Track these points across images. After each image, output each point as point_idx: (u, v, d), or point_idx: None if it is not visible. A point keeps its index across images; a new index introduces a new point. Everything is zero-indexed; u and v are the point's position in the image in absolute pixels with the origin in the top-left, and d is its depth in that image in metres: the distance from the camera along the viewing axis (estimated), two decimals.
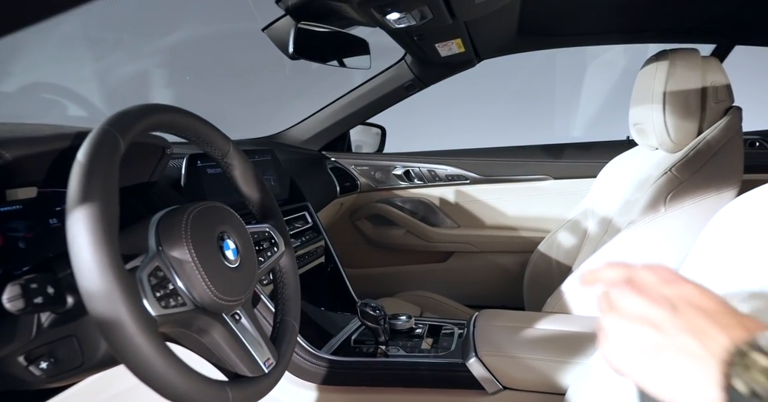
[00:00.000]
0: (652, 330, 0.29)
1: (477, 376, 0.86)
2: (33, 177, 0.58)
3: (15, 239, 0.57)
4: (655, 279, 0.31)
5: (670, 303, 0.29)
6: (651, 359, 0.28)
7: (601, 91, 3.38)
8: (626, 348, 0.30)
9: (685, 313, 0.29)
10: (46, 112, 3.02)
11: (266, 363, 0.60)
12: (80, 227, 0.41)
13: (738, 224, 0.47)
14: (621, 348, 0.30)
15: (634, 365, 0.29)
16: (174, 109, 0.58)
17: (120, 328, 0.41)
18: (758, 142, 1.52)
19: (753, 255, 0.43)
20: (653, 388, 0.29)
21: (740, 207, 0.49)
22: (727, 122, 1.08)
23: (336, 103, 1.66)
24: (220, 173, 0.97)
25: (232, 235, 0.60)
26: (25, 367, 0.49)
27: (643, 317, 0.29)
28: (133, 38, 3.09)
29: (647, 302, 0.30)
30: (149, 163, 0.72)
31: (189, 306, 0.51)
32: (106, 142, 0.46)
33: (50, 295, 0.46)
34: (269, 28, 1.04)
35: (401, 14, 0.91)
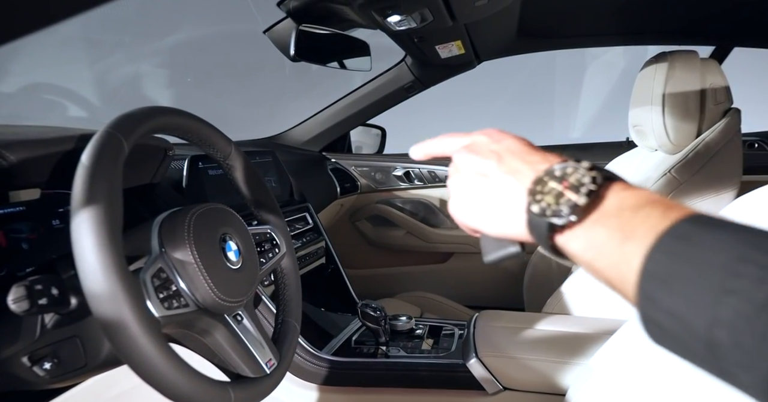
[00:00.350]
0: (483, 178, 0.34)
1: (477, 376, 0.86)
2: (36, 179, 0.58)
3: (18, 240, 0.58)
4: (486, 139, 0.36)
5: (497, 155, 0.34)
6: (482, 202, 0.34)
7: (600, 92, 3.38)
8: (464, 199, 0.35)
9: (507, 160, 0.33)
10: (47, 112, 3.02)
11: (268, 364, 0.61)
12: (84, 229, 0.41)
13: None
14: (461, 200, 0.35)
15: (471, 211, 0.34)
16: (176, 112, 0.59)
17: (124, 329, 0.42)
18: (757, 144, 1.53)
19: None
20: (487, 227, 0.34)
21: (739, 208, 0.50)
22: (726, 124, 1.08)
23: (336, 105, 1.67)
24: (221, 174, 0.98)
25: (234, 236, 0.60)
26: (29, 367, 0.49)
27: (476, 170, 0.35)
28: (133, 39, 3.10)
29: (479, 158, 0.35)
30: (151, 165, 0.72)
31: (191, 307, 0.52)
32: (109, 144, 0.46)
33: (54, 296, 0.46)
34: (271, 31, 1.04)
35: (402, 17, 0.92)
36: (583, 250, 0.28)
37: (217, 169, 0.97)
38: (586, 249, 0.28)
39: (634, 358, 0.63)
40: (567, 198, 0.28)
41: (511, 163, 0.33)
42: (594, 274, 0.28)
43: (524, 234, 0.32)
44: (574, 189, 0.28)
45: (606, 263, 0.27)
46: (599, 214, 0.28)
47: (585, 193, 0.28)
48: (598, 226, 0.27)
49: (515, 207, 0.32)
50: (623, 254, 0.25)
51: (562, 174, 0.29)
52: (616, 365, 0.65)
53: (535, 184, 0.30)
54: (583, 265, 0.29)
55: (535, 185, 0.30)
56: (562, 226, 0.28)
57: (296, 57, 0.95)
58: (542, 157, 0.33)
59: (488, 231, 0.34)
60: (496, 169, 0.33)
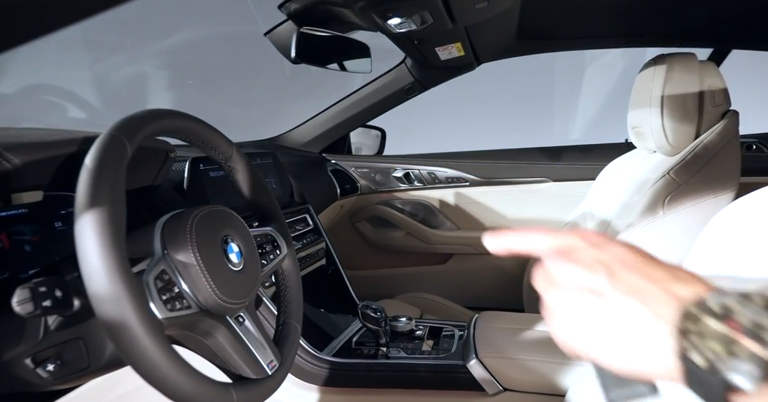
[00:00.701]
0: (594, 297, 0.27)
1: (477, 377, 0.86)
2: (38, 181, 0.58)
3: (21, 243, 0.58)
4: (584, 244, 0.30)
5: (605, 267, 0.27)
6: (599, 329, 0.26)
7: (599, 94, 3.39)
8: (572, 321, 0.28)
9: (622, 276, 0.27)
10: (47, 114, 3.02)
11: (269, 365, 0.61)
12: (89, 232, 0.42)
13: (736, 227, 0.47)
14: (567, 322, 0.28)
15: (584, 338, 0.27)
16: (179, 114, 0.59)
17: (127, 331, 0.42)
18: (755, 145, 1.54)
19: (751, 258, 0.43)
20: (609, 360, 0.26)
21: (738, 210, 0.50)
22: (725, 126, 1.09)
23: (336, 106, 1.67)
24: (222, 176, 0.98)
25: (236, 238, 0.60)
26: (33, 369, 0.49)
27: (582, 285, 0.27)
28: (133, 41, 3.10)
29: (582, 269, 0.28)
30: (153, 167, 0.73)
31: (194, 309, 0.52)
32: (113, 147, 0.47)
33: (58, 298, 0.47)
34: (271, 33, 1.05)
35: (402, 19, 0.92)
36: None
37: (218, 170, 0.98)
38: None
39: None
40: (746, 349, 0.21)
41: (629, 280, 0.26)
42: None
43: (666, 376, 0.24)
44: (752, 335, 0.21)
45: None
46: None
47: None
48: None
49: (649, 341, 0.24)
50: None
51: (723, 310, 0.22)
52: None
53: (684, 320, 0.23)
54: None
55: (684, 322, 0.23)
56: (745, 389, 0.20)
57: (297, 59, 0.96)
58: (670, 273, 0.26)
59: (613, 366, 0.26)
60: (609, 288, 0.26)
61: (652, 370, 0.25)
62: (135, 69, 3.33)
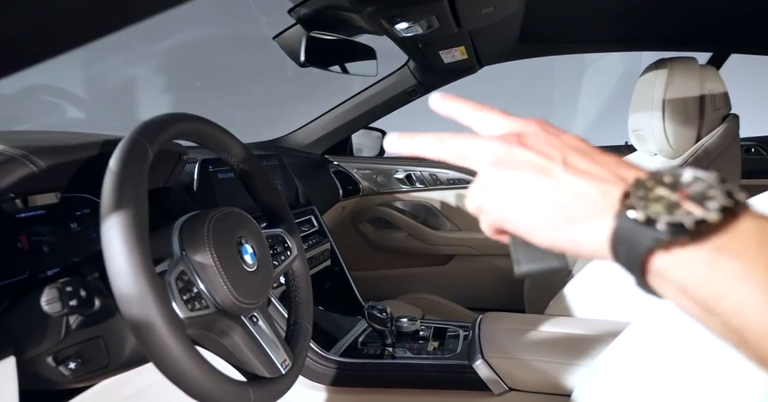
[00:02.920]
0: (542, 177, 0.27)
1: (483, 377, 0.88)
2: (57, 183, 0.59)
3: (40, 243, 0.59)
4: (539, 129, 0.29)
5: (560, 151, 0.27)
6: (538, 204, 0.26)
7: (599, 96, 3.42)
8: (511, 196, 0.27)
9: (574, 160, 0.27)
10: (46, 114, 3.02)
11: (283, 364, 0.62)
12: (115, 233, 0.43)
13: None
14: (504, 196, 0.28)
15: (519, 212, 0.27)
16: (195, 118, 0.60)
17: (152, 330, 0.43)
18: (754, 148, 1.56)
19: None
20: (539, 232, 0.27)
21: None
22: (725, 129, 1.11)
23: (339, 108, 1.68)
24: (231, 178, 0.99)
25: (250, 239, 0.61)
26: (55, 367, 0.50)
27: (532, 165, 0.27)
28: (133, 41, 3.10)
29: (534, 152, 0.27)
30: (166, 169, 0.74)
31: (212, 309, 0.53)
32: (136, 150, 0.48)
33: (83, 297, 0.48)
34: (280, 37, 1.06)
35: (409, 24, 0.94)
36: (696, 282, 0.21)
37: (227, 172, 0.99)
38: (702, 281, 0.21)
39: (638, 360, 0.65)
40: (686, 210, 0.21)
41: (581, 164, 0.26)
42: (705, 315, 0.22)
43: (586, 246, 0.25)
44: (696, 201, 0.21)
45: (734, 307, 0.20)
46: (733, 239, 0.21)
47: (716, 208, 0.21)
48: (728, 255, 0.21)
49: (586, 214, 0.25)
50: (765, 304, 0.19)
51: (674, 181, 0.23)
52: (620, 366, 0.67)
53: (636, 187, 0.23)
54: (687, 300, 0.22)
55: (635, 189, 0.23)
56: (672, 242, 0.21)
57: (306, 63, 0.97)
58: (617, 160, 0.27)
59: (536, 237, 0.27)
60: (561, 169, 0.26)
61: (576, 241, 0.25)
62: (135, 70, 3.33)
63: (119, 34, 0.34)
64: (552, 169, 0.27)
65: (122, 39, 3.03)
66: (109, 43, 3.10)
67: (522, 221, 0.27)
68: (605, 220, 0.24)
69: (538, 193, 0.27)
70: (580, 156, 0.27)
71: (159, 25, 3.08)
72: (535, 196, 0.27)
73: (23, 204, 0.58)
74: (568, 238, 0.26)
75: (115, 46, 3.04)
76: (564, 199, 0.26)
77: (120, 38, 3.03)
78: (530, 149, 0.28)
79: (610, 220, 0.24)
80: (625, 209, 0.23)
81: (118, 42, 2.96)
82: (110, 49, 3.05)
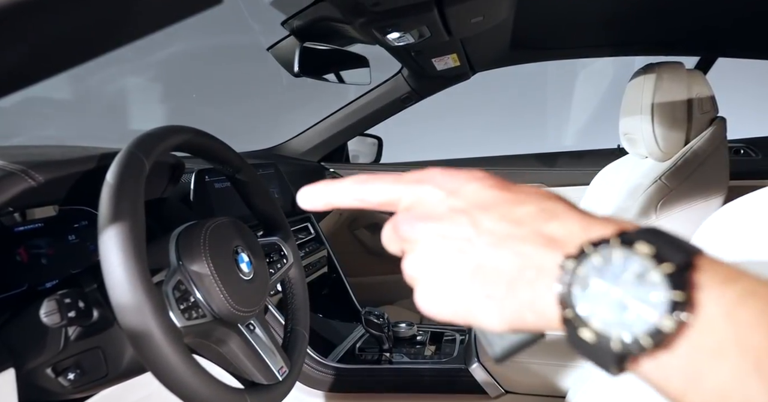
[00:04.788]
0: (461, 256, 0.22)
1: (480, 380, 0.88)
2: (56, 196, 0.60)
3: (38, 256, 0.60)
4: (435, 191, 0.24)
5: (466, 216, 0.22)
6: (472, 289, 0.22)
7: (591, 100, 3.45)
8: (439, 285, 0.23)
9: (485, 223, 0.22)
10: (43, 126, 3.03)
11: (280, 371, 0.63)
12: (112, 245, 0.44)
13: (727, 230, 0.50)
14: (433, 288, 0.23)
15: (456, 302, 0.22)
16: (190, 130, 0.61)
17: (149, 339, 0.44)
18: (742, 150, 1.58)
19: (742, 259, 0.46)
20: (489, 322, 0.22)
21: (728, 213, 0.53)
22: (713, 132, 1.12)
23: (334, 115, 1.70)
24: (227, 187, 1.00)
25: (246, 248, 0.62)
26: (54, 378, 0.51)
27: (443, 244, 0.22)
28: (128, 53, 3.12)
29: (442, 225, 0.23)
30: (163, 180, 0.75)
31: (208, 317, 0.54)
32: (132, 163, 0.49)
33: (81, 309, 0.48)
34: (274, 48, 1.08)
35: (401, 34, 0.95)
36: (669, 380, 0.18)
37: (223, 182, 1.00)
38: (675, 379, 0.18)
39: None
40: (637, 315, 0.18)
41: (494, 228, 0.22)
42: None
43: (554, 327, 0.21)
44: (640, 298, 0.18)
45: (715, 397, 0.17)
46: (703, 336, 0.17)
47: (665, 306, 0.17)
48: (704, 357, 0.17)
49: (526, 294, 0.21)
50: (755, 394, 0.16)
51: (604, 264, 0.19)
52: None
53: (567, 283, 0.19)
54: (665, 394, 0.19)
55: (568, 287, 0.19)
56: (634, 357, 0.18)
57: (300, 73, 0.99)
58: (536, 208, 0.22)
59: (492, 328, 0.22)
60: (475, 241, 0.22)
61: (537, 322, 0.21)
62: (131, 81, 3.35)
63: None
64: (463, 243, 0.22)
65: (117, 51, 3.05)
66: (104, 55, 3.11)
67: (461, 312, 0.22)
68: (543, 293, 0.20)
69: (460, 275, 0.22)
70: (491, 215, 0.22)
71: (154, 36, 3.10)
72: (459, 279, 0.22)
73: (22, 217, 0.59)
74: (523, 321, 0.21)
75: (111, 58, 3.06)
76: (488, 277, 0.21)
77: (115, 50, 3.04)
78: (430, 221, 0.23)
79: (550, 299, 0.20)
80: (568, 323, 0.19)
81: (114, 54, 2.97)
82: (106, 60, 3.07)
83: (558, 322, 0.20)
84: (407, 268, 0.24)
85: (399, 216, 0.25)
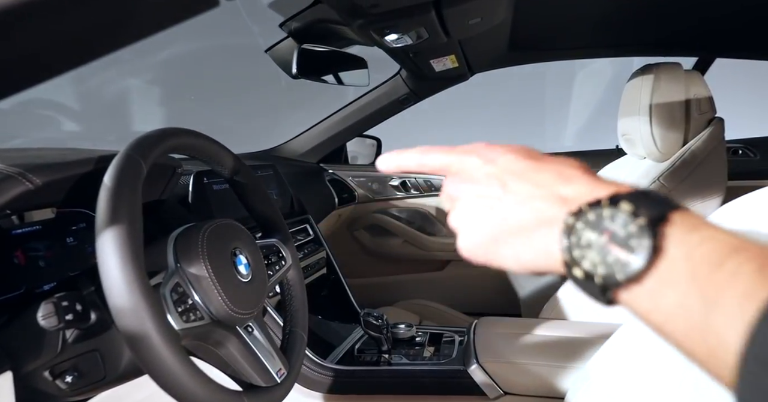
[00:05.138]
0: (490, 210, 0.28)
1: (478, 382, 0.88)
2: (53, 199, 0.60)
3: (36, 258, 0.60)
4: (477, 160, 0.30)
5: (497, 180, 0.29)
6: (497, 237, 0.28)
7: (589, 100, 3.45)
8: (474, 233, 0.29)
9: (512, 186, 0.28)
10: (42, 128, 3.03)
11: (278, 373, 0.63)
12: (109, 248, 0.44)
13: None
14: (470, 235, 0.30)
15: (486, 247, 0.29)
16: (188, 132, 0.61)
17: (147, 342, 0.44)
18: (741, 150, 1.58)
19: None
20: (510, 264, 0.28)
21: (726, 215, 0.53)
22: (711, 133, 1.13)
23: (333, 117, 1.70)
24: (226, 189, 1.00)
25: (244, 250, 0.62)
26: (51, 381, 0.51)
27: (477, 202, 0.29)
28: (127, 54, 3.12)
29: (476, 186, 0.29)
30: (161, 182, 0.75)
31: (206, 320, 0.54)
32: (129, 166, 0.49)
33: (78, 311, 0.48)
34: (272, 50, 1.08)
35: (399, 35, 0.96)
36: (648, 313, 0.23)
37: (222, 183, 1.00)
38: (652, 312, 0.23)
39: (629, 361, 0.66)
40: (616, 257, 0.23)
41: (519, 189, 0.28)
42: (664, 337, 0.23)
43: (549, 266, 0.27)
44: (621, 244, 0.23)
45: (681, 331, 0.22)
46: (664, 271, 0.22)
47: (639, 250, 0.22)
48: (664, 287, 0.22)
49: (540, 242, 0.26)
50: (708, 325, 0.20)
51: (596, 219, 0.24)
52: (612, 368, 0.68)
53: (567, 234, 0.25)
54: (650, 326, 0.24)
55: (567, 236, 0.25)
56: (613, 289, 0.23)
57: (298, 75, 0.99)
58: (556, 174, 0.27)
59: (517, 271, 0.29)
60: (503, 200, 0.28)
61: (552, 267, 0.26)
62: (130, 82, 3.35)
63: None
64: (494, 202, 0.28)
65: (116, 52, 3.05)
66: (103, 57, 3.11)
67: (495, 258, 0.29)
68: (553, 241, 0.26)
69: (491, 227, 0.28)
70: (517, 179, 0.28)
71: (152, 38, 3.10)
72: (491, 231, 0.28)
73: (19, 220, 0.59)
74: (540, 266, 0.27)
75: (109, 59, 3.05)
76: (516, 231, 0.27)
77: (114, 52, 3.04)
78: (468, 183, 0.30)
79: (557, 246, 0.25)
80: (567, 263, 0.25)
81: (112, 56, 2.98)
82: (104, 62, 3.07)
83: (561, 265, 0.25)
84: (452, 220, 0.31)
85: (448, 179, 0.32)
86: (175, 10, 0.37)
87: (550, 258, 0.26)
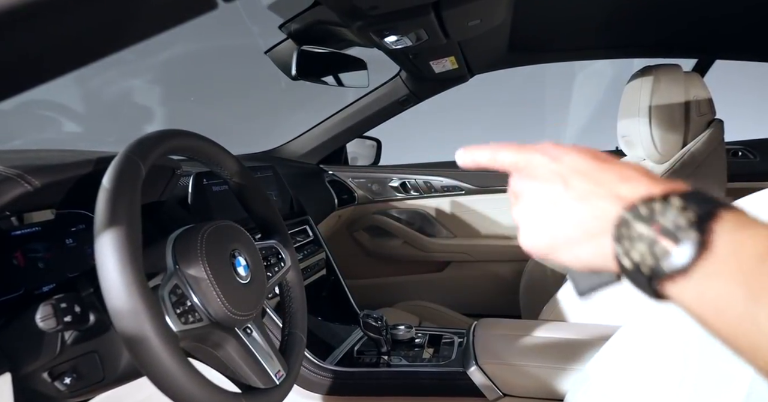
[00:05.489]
0: (552, 207, 0.30)
1: (478, 383, 0.88)
2: (52, 200, 0.60)
3: (35, 260, 0.60)
4: (544, 159, 0.32)
5: (561, 177, 0.30)
6: (558, 235, 0.29)
7: (589, 101, 3.46)
8: (535, 229, 0.31)
9: (575, 183, 0.29)
10: (42, 129, 3.03)
11: (277, 375, 0.63)
12: (108, 250, 0.44)
13: None
14: (531, 230, 0.31)
15: (545, 242, 0.30)
16: (187, 134, 0.61)
17: (145, 344, 0.44)
18: (741, 152, 1.58)
19: None
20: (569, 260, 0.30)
21: None
22: (710, 134, 1.13)
23: (333, 118, 1.70)
24: (225, 190, 1.00)
25: (243, 252, 0.62)
26: (50, 382, 0.51)
27: (540, 198, 0.30)
28: (128, 54, 3.13)
29: (540, 183, 0.31)
30: (160, 184, 0.75)
31: (205, 321, 0.54)
32: (128, 168, 0.49)
33: (77, 313, 0.48)
34: (272, 51, 1.08)
35: (398, 37, 0.96)
36: (694, 306, 0.24)
37: (221, 185, 1.00)
38: (697, 304, 0.23)
39: (628, 363, 0.66)
40: (664, 248, 0.24)
41: (581, 187, 0.29)
42: (711, 331, 0.24)
43: (604, 263, 0.28)
44: (669, 235, 0.24)
45: (727, 324, 0.22)
46: (711, 264, 0.23)
47: (686, 243, 0.23)
48: (711, 279, 0.23)
49: (598, 240, 0.28)
50: (752, 317, 0.21)
51: (648, 213, 0.25)
52: (611, 370, 0.68)
53: (619, 227, 0.26)
54: (696, 320, 0.24)
55: (619, 229, 0.26)
56: (661, 281, 0.24)
57: (298, 76, 0.99)
58: (617, 175, 0.28)
59: (573, 266, 0.30)
60: (564, 196, 0.29)
61: (605, 263, 0.28)
62: (131, 83, 3.35)
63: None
64: (556, 198, 0.30)
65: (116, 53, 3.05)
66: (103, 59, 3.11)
67: (554, 252, 0.30)
68: (609, 239, 0.27)
69: (552, 223, 0.30)
70: (580, 178, 0.29)
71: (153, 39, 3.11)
72: (551, 226, 0.30)
73: (19, 221, 0.59)
74: (595, 262, 0.28)
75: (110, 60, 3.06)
76: (575, 227, 0.29)
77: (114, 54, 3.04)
78: (533, 179, 0.31)
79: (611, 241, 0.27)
80: (617, 255, 0.26)
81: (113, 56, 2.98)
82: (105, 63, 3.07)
83: (613, 258, 0.26)
84: (515, 214, 0.32)
85: (515, 175, 0.33)
86: (174, 12, 0.37)
87: (607, 255, 0.27)
